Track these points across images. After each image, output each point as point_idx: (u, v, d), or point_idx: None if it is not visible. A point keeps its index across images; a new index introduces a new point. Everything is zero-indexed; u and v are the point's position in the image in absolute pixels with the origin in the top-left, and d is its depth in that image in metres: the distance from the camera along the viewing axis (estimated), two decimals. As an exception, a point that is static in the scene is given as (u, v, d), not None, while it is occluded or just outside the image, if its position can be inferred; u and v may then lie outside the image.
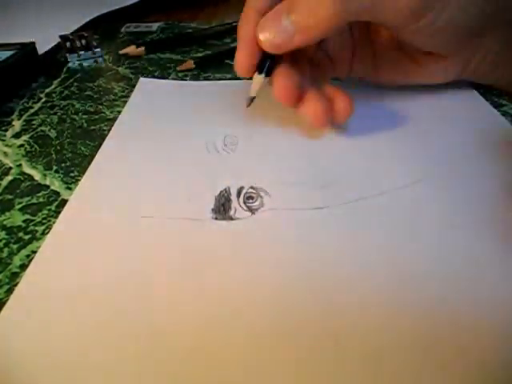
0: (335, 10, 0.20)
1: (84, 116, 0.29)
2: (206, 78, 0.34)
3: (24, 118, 0.30)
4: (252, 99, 0.25)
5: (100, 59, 0.39)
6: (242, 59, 0.23)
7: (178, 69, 0.36)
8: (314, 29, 0.21)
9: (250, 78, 0.24)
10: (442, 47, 0.25)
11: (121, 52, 0.39)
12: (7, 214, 0.21)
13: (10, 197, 0.22)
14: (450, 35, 0.24)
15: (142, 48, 0.40)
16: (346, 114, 0.24)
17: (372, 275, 0.16)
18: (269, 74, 0.23)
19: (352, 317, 0.15)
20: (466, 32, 0.24)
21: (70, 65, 0.39)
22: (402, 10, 0.21)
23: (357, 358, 0.14)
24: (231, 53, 0.37)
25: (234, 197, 0.20)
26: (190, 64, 0.36)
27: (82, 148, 0.26)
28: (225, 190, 0.21)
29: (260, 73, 0.23)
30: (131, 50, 0.39)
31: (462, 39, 0.25)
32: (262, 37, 0.22)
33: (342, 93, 0.23)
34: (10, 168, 0.24)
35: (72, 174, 0.23)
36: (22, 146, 0.26)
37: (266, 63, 0.23)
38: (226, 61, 0.38)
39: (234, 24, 0.47)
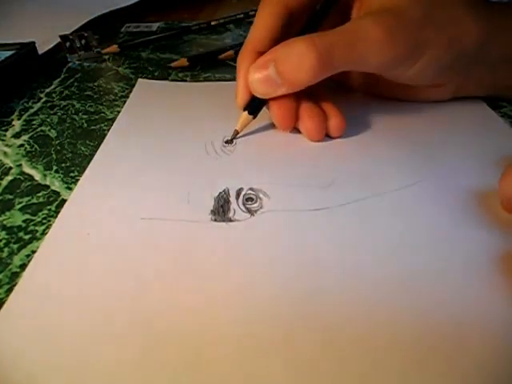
0: (317, 66, 0.22)
1: (84, 116, 0.29)
2: (206, 79, 0.35)
3: (24, 117, 0.30)
4: (236, 133, 0.26)
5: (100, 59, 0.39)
6: (241, 94, 0.25)
7: (172, 65, 0.36)
8: (297, 82, 0.23)
9: None
10: (427, 82, 0.26)
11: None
12: (7, 213, 0.21)
13: (10, 197, 0.22)
14: (426, 78, 0.25)
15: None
16: (339, 133, 0.25)
17: (372, 276, 0.16)
18: (255, 113, 0.25)
19: (352, 317, 0.15)
20: (444, 73, 0.25)
21: (70, 65, 0.39)
22: (376, 65, 0.23)
23: (356, 359, 0.14)
24: (225, 51, 0.38)
25: (233, 198, 0.21)
26: (184, 62, 0.36)
27: (82, 148, 0.26)
28: (224, 191, 0.21)
29: (248, 112, 0.25)
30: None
31: (441, 77, 0.26)
32: (251, 84, 0.24)
33: (335, 111, 0.25)
34: (10, 168, 0.24)
35: (72, 174, 0.23)
36: (22, 145, 0.26)
37: (255, 104, 0.25)
38: (226, 61, 0.38)
39: (234, 18, 0.48)
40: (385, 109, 0.28)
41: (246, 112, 0.25)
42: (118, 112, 0.29)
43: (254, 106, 0.25)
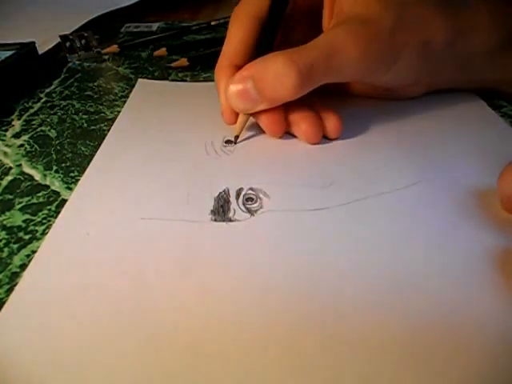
0: (298, 83, 0.22)
1: (84, 116, 0.29)
2: (205, 79, 0.35)
3: (24, 118, 0.30)
4: (236, 137, 0.25)
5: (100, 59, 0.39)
6: (226, 111, 0.25)
7: (173, 65, 0.36)
8: (278, 99, 0.23)
9: None
10: (398, 85, 0.27)
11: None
12: (7, 213, 0.21)
13: (10, 197, 0.22)
14: (400, 80, 0.26)
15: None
16: (336, 133, 0.25)
17: (371, 275, 0.16)
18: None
19: (351, 316, 0.15)
20: (418, 74, 0.26)
21: (70, 65, 0.39)
22: (352, 75, 0.24)
23: (355, 358, 0.14)
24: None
25: (233, 198, 0.21)
26: (184, 62, 0.36)
27: (82, 148, 0.26)
28: (224, 191, 0.21)
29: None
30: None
31: (415, 78, 0.26)
32: (230, 101, 0.23)
33: (331, 113, 0.25)
34: (10, 168, 0.24)
35: (72, 174, 0.23)
36: (22, 145, 0.26)
37: None
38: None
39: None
40: (384, 109, 0.28)
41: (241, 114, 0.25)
42: (118, 112, 0.29)
43: None
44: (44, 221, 0.20)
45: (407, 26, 0.23)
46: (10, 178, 0.23)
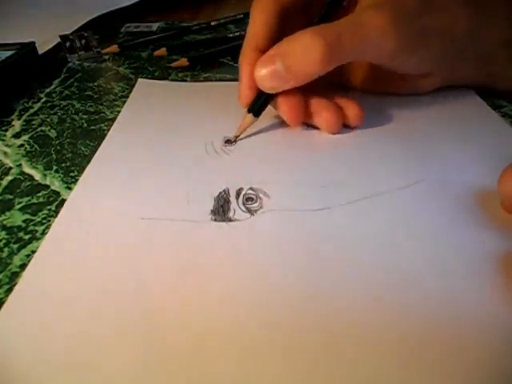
0: (326, 56, 0.22)
1: (84, 116, 0.29)
2: (206, 79, 0.34)
3: (24, 117, 0.30)
4: (237, 137, 0.25)
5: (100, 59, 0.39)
6: (245, 93, 0.25)
7: (173, 65, 0.36)
8: (306, 75, 0.23)
9: None
10: (420, 72, 0.27)
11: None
12: (7, 213, 0.21)
13: (10, 197, 0.22)
14: (423, 66, 0.26)
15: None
16: (358, 122, 0.25)
17: (372, 275, 0.16)
18: (259, 113, 0.25)
19: (352, 317, 0.15)
20: (439, 61, 0.26)
21: (70, 65, 0.39)
22: (380, 54, 0.24)
23: (356, 359, 0.14)
24: (225, 52, 0.38)
25: (233, 198, 0.21)
26: (184, 62, 0.36)
27: (82, 148, 0.26)
28: (224, 191, 0.21)
29: (253, 114, 0.25)
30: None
31: (436, 66, 0.27)
32: (258, 80, 0.23)
33: (352, 102, 0.25)
34: (10, 168, 0.24)
35: (72, 174, 0.23)
36: (22, 145, 0.26)
37: (259, 104, 0.25)
38: (227, 61, 0.38)
39: (234, 18, 0.48)
40: (384, 109, 0.28)
41: (250, 114, 0.25)
42: (118, 112, 0.29)
43: (258, 106, 0.25)
44: (44, 221, 0.20)
45: (432, 11, 0.24)
46: (10, 177, 0.23)
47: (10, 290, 0.16)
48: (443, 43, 0.25)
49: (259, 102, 0.25)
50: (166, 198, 0.21)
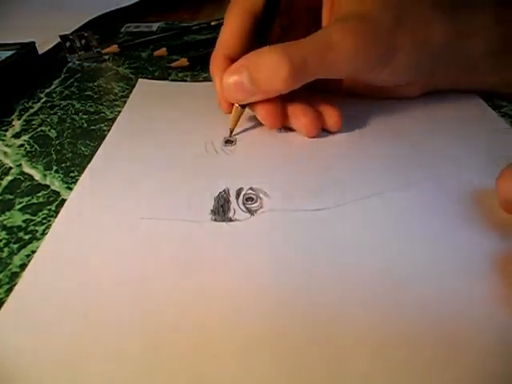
0: (290, 76, 0.22)
1: (84, 116, 0.29)
2: (206, 79, 0.34)
3: (24, 118, 0.30)
4: (231, 130, 0.26)
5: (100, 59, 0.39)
6: (223, 102, 0.25)
7: (173, 65, 0.36)
8: (271, 91, 0.23)
9: None
10: (394, 84, 0.27)
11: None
12: (7, 213, 0.21)
13: (10, 197, 0.22)
14: (396, 79, 0.26)
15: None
16: (336, 128, 0.25)
17: (371, 276, 0.16)
18: (245, 106, 0.25)
19: (351, 316, 0.15)
20: (414, 74, 0.26)
21: (70, 65, 0.39)
22: (347, 72, 0.24)
23: (354, 358, 0.14)
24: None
25: (233, 198, 0.21)
26: (184, 62, 0.36)
27: (82, 148, 0.26)
28: (224, 191, 0.21)
29: (240, 105, 0.25)
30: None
31: (411, 78, 0.26)
32: (225, 91, 0.24)
33: (331, 107, 0.25)
34: (10, 168, 0.24)
35: (72, 174, 0.23)
36: (22, 145, 0.26)
37: None
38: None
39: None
40: (384, 109, 0.28)
41: (237, 105, 0.25)
42: (118, 112, 0.29)
43: None
44: (44, 221, 0.20)
45: (405, 27, 0.23)
46: (10, 177, 0.23)
47: (10, 290, 0.16)
48: (419, 57, 0.24)
49: None
50: (166, 198, 0.21)
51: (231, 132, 0.26)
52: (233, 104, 0.25)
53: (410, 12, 0.24)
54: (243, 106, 0.25)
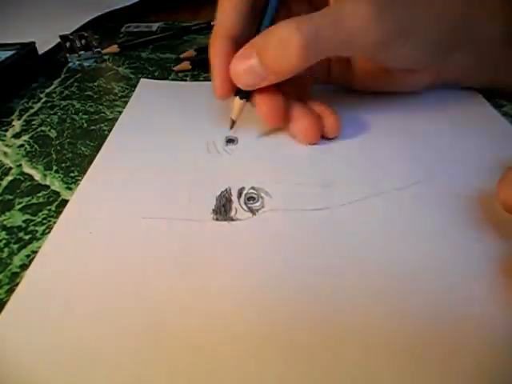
0: (303, 51, 0.20)
1: (84, 116, 0.29)
2: (206, 79, 0.34)
3: (24, 118, 0.30)
4: (234, 122, 0.25)
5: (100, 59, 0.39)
6: (220, 87, 0.23)
7: (175, 69, 0.36)
8: (282, 72, 0.21)
9: None
10: (411, 65, 0.25)
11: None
12: (7, 213, 0.21)
13: (10, 197, 0.22)
14: (416, 59, 0.24)
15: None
16: (335, 132, 0.24)
17: (371, 275, 0.16)
18: (248, 98, 0.24)
19: (351, 316, 0.15)
20: (433, 53, 0.24)
21: (70, 65, 0.39)
22: (365, 46, 0.22)
23: (355, 358, 0.14)
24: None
25: (234, 197, 0.20)
26: (187, 65, 0.36)
27: (82, 148, 0.26)
28: (225, 190, 0.21)
29: (240, 97, 0.24)
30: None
31: (429, 58, 0.25)
32: (234, 76, 0.22)
33: (329, 111, 0.24)
34: (10, 168, 0.24)
35: (72, 174, 0.23)
36: (22, 146, 0.26)
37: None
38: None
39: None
40: (384, 108, 0.28)
41: (238, 98, 0.24)
42: (118, 112, 0.29)
43: (243, 91, 0.23)
44: (44, 221, 0.20)
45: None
46: (10, 178, 0.23)
47: (10, 291, 0.16)
48: (438, 30, 0.23)
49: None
50: (168, 198, 0.21)
51: (233, 124, 0.25)
52: (230, 90, 0.23)
53: None
54: (246, 99, 0.24)
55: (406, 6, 0.22)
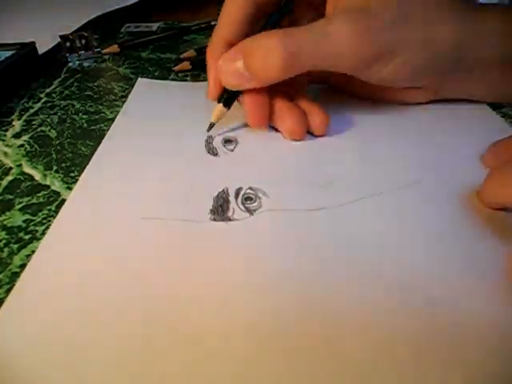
0: (284, 64, 0.21)
1: (84, 116, 0.30)
2: (205, 79, 0.34)
3: (24, 118, 0.30)
4: (212, 125, 0.26)
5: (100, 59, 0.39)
6: (212, 87, 0.25)
7: (175, 69, 0.36)
8: (265, 78, 0.23)
9: None
10: (403, 84, 0.26)
11: None
12: (7, 213, 0.21)
13: (10, 197, 0.22)
14: (401, 79, 0.25)
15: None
16: (322, 130, 0.25)
17: (371, 275, 0.16)
18: (230, 107, 0.25)
19: (351, 316, 0.15)
20: (419, 75, 0.25)
21: (70, 65, 0.39)
22: (344, 65, 0.23)
23: (356, 357, 0.14)
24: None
25: (232, 198, 0.21)
26: (187, 65, 0.36)
27: (82, 148, 0.26)
28: (223, 190, 0.21)
29: (223, 105, 0.25)
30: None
31: (416, 79, 0.25)
32: (220, 76, 0.24)
33: (317, 108, 0.24)
34: (11, 168, 0.24)
35: (72, 174, 0.23)
36: (22, 145, 0.26)
37: (228, 95, 0.25)
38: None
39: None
40: (384, 108, 0.28)
41: (221, 104, 0.25)
42: (118, 112, 0.29)
43: (228, 97, 0.25)
44: (44, 221, 0.20)
45: (409, 23, 0.23)
46: (10, 178, 0.23)
47: (10, 290, 0.16)
48: (424, 57, 0.24)
49: (229, 94, 0.25)
50: (166, 198, 0.21)
51: (211, 127, 0.25)
52: (219, 98, 0.25)
53: (412, 10, 0.23)
54: (228, 107, 0.25)
55: (394, 29, 0.22)
